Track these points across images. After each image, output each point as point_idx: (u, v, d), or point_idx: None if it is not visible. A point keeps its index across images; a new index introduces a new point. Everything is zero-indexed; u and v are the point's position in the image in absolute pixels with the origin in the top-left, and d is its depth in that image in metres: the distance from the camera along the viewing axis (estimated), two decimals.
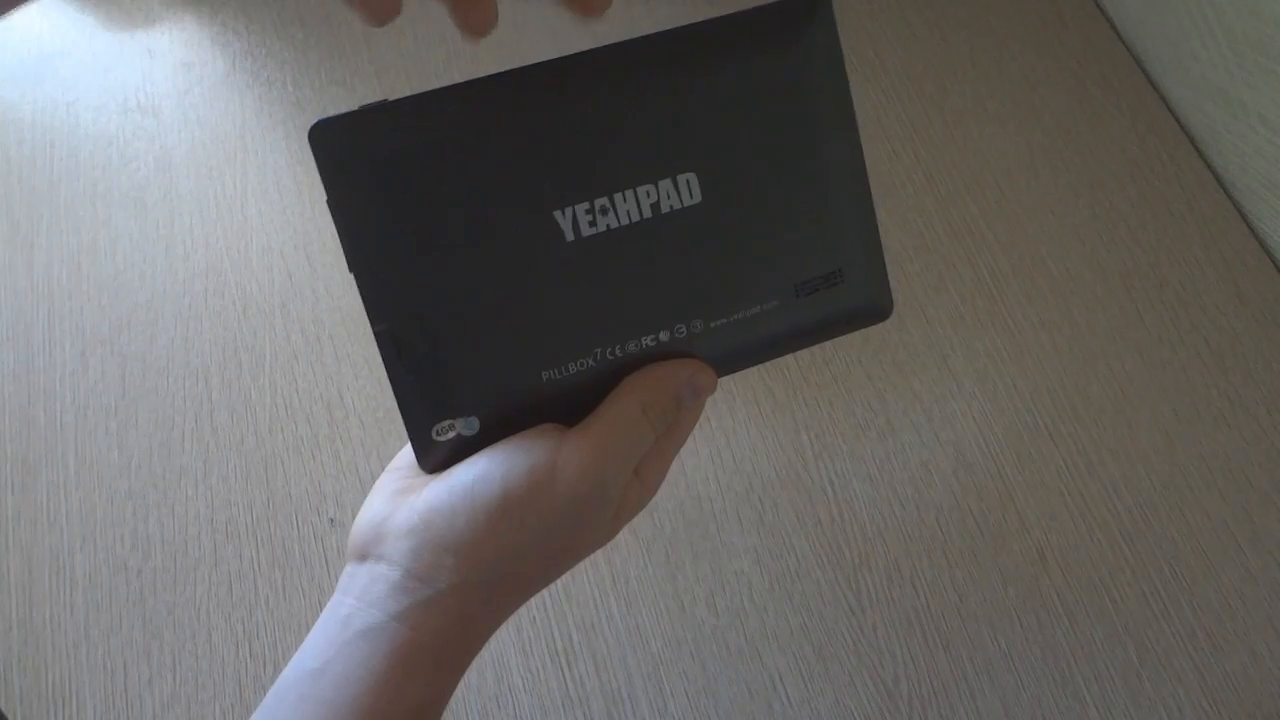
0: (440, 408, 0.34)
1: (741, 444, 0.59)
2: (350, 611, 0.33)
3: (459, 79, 0.32)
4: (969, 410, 0.60)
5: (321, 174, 0.32)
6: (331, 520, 0.58)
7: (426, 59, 0.73)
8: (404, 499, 0.34)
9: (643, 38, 0.33)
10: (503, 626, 0.55)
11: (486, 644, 0.36)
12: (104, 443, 0.60)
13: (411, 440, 0.35)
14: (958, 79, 0.71)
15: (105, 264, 0.66)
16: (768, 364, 0.61)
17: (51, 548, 0.57)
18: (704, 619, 0.55)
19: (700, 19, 0.34)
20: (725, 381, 0.61)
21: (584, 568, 0.56)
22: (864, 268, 0.37)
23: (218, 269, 0.66)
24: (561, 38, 0.71)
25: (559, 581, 0.55)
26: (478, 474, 0.33)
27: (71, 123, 0.72)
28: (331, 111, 0.32)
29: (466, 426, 0.35)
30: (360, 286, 0.33)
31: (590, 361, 0.35)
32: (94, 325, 0.64)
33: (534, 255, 0.34)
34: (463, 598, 0.33)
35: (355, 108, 0.32)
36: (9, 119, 0.73)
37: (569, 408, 0.35)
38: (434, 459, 0.35)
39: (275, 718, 0.32)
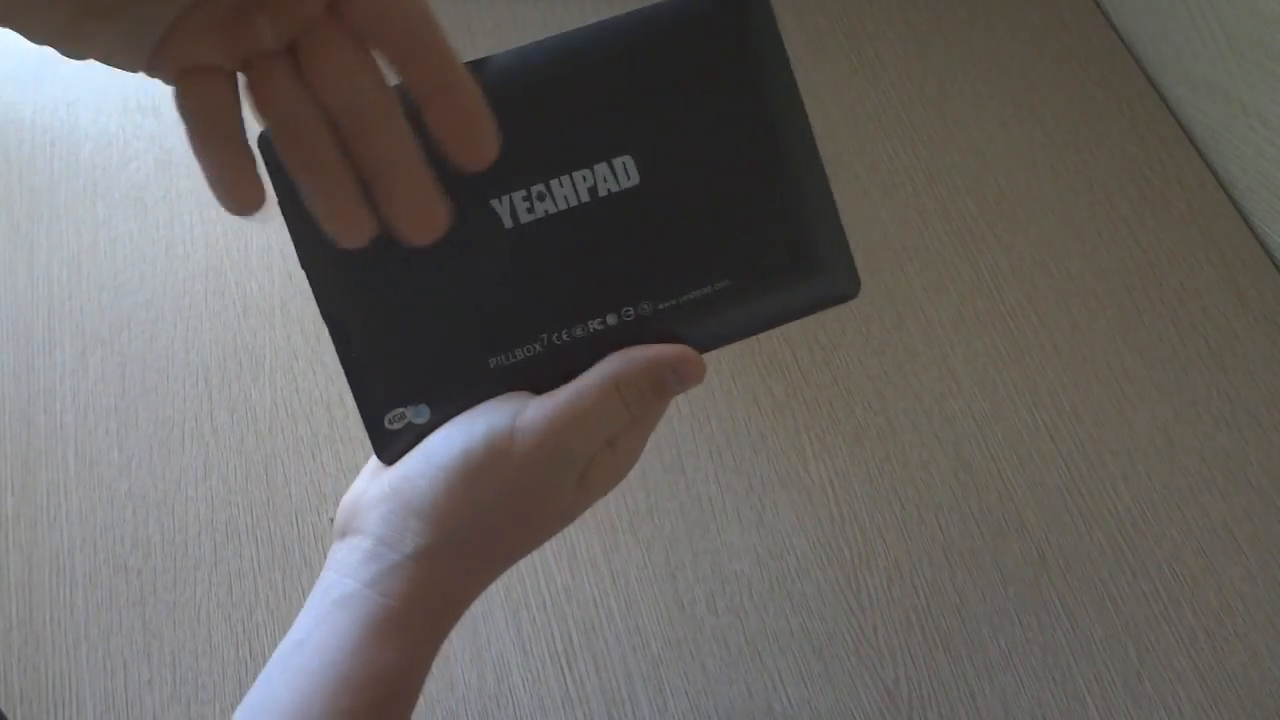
0: (390, 397, 0.35)
1: (741, 444, 0.59)
2: (330, 583, 0.34)
3: None
4: (969, 410, 0.60)
5: (270, 176, 0.33)
6: (331, 520, 0.58)
7: None
8: (381, 474, 0.36)
9: (577, 29, 0.34)
10: (503, 626, 0.55)
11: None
12: (104, 443, 0.60)
13: (368, 432, 0.36)
14: (958, 79, 0.71)
15: (105, 264, 0.66)
16: (768, 364, 0.61)
17: (51, 548, 0.57)
18: (704, 619, 0.55)
19: (646, 4, 0.34)
20: (725, 381, 0.61)
21: (584, 567, 0.56)
22: (823, 246, 0.37)
23: (218, 269, 0.66)
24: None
25: (559, 581, 0.55)
26: (439, 439, 0.34)
27: (71, 123, 0.72)
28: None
29: (417, 415, 0.35)
30: (309, 280, 0.35)
31: (538, 347, 0.35)
32: (94, 325, 0.64)
33: (474, 244, 0.34)
34: (431, 561, 0.33)
35: None
36: (9, 119, 0.73)
37: (519, 389, 0.35)
38: (391, 449, 0.36)
39: (264, 691, 0.33)
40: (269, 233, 0.67)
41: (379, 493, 0.35)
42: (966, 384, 0.61)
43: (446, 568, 0.34)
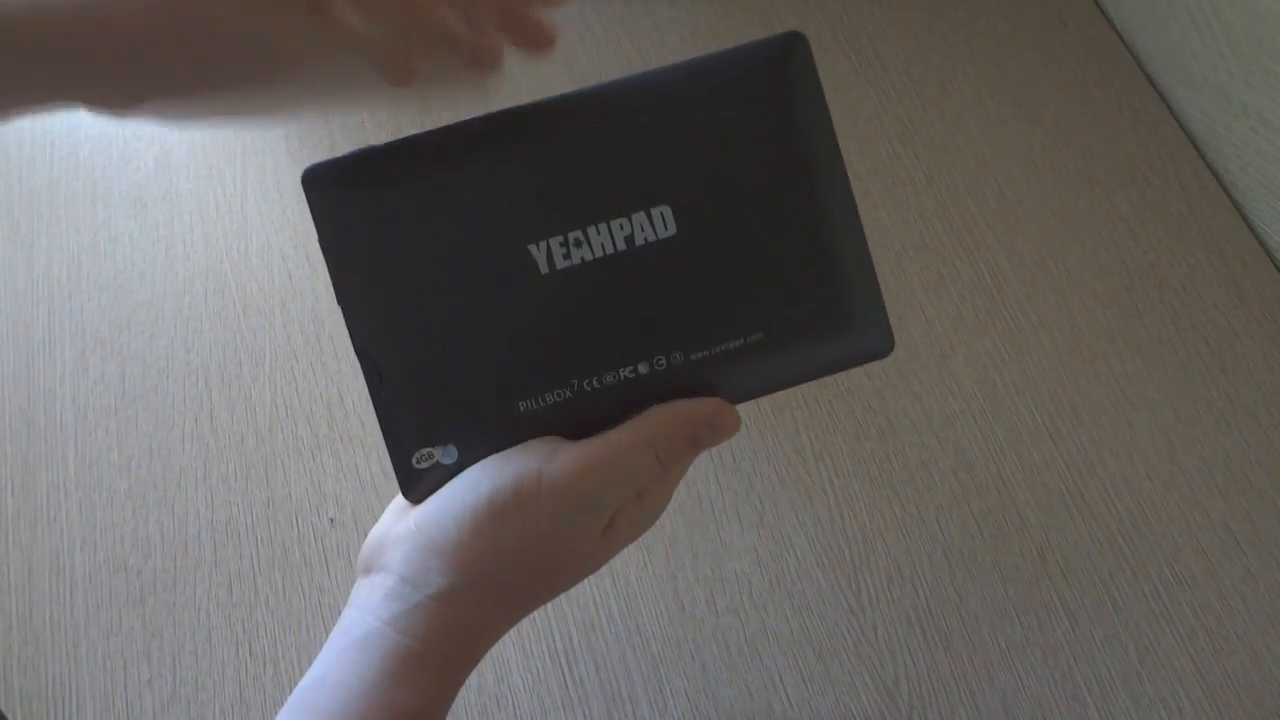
0: (419, 436, 0.36)
1: (741, 444, 0.59)
2: (351, 621, 0.34)
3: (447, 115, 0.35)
4: (969, 410, 0.60)
5: (314, 217, 0.34)
6: (331, 520, 0.58)
7: None
8: (407, 513, 0.35)
9: (620, 79, 0.35)
10: None
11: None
12: (104, 443, 0.60)
13: (395, 470, 0.36)
14: (958, 79, 0.71)
15: (105, 264, 0.66)
16: None
17: (51, 548, 0.57)
18: (704, 619, 0.55)
19: (683, 58, 0.35)
20: None
21: None
22: (859, 302, 0.37)
23: (218, 269, 0.66)
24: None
25: None
26: (466, 481, 0.34)
27: (71, 123, 0.72)
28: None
29: (445, 455, 0.36)
30: (346, 318, 0.35)
31: (568, 393, 0.35)
32: (94, 325, 0.64)
33: (509, 288, 0.35)
34: (451, 602, 0.33)
35: (343, 153, 0.34)
36: None
37: (547, 435, 0.35)
38: (418, 489, 0.36)
39: None
40: (269, 233, 0.67)
41: (404, 531, 0.35)
42: (966, 384, 0.61)
43: (467, 610, 0.34)
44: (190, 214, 0.68)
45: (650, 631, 0.54)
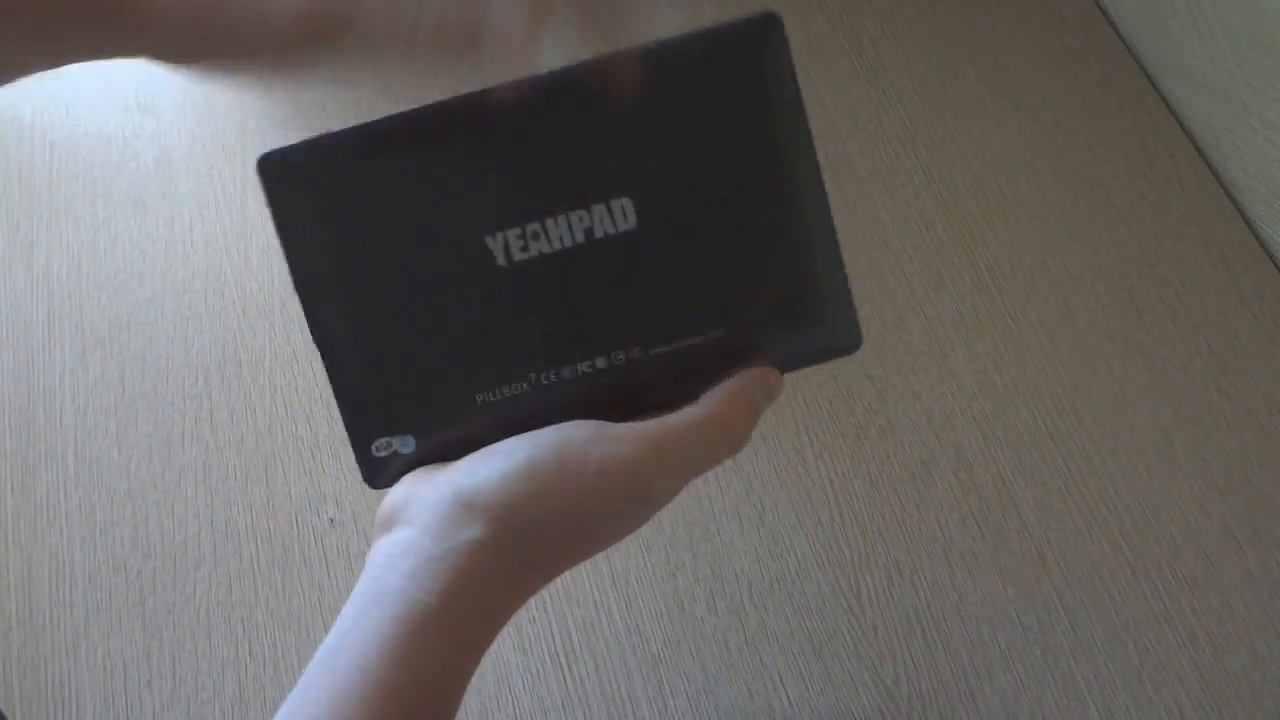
0: (377, 426, 0.35)
1: None
2: (369, 578, 0.33)
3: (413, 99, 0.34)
4: (969, 410, 0.60)
5: (268, 203, 0.34)
6: (331, 520, 0.58)
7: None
8: (434, 472, 0.35)
9: (583, 62, 0.33)
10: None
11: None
12: (104, 443, 0.60)
13: (356, 458, 0.36)
14: (958, 79, 0.71)
15: (105, 263, 0.66)
16: None
17: (51, 548, 0.57)
18: (704, 619, 0.55)
19: (653, 40, 0.33)
20: None
21: (584, 567, 0.56)
22: (825, 298, 0.36)
23: (218, 269, 0.66)
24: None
25: (559, 581, 0.55)
26: (505, 446, 0.34)
27: (71, 122, 0.72)
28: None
29: (403, 445, 0.35)
30: (303, 307, 0.35)
31: (525, 386, 0.35)
32: (94, 325, 0.64)
33: (465, 280, 0.34)
34: (477, 556, 0.32)
35: (300, 140, 0.34)
36: (9, 119, 0.73)
37: (507, 429, 0.35)
38: (378, 477, 0.36)
39: (302, 694, 0.31)
40: (269, 233, 0.66)
41: (432, 486, 0.34)
42: (966, 384, 0.61)
43: (492, 565, 0.32)
44: (190, 214, 0.68)
45: (650, 631, 0.54)
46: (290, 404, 0.61)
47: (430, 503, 0.33)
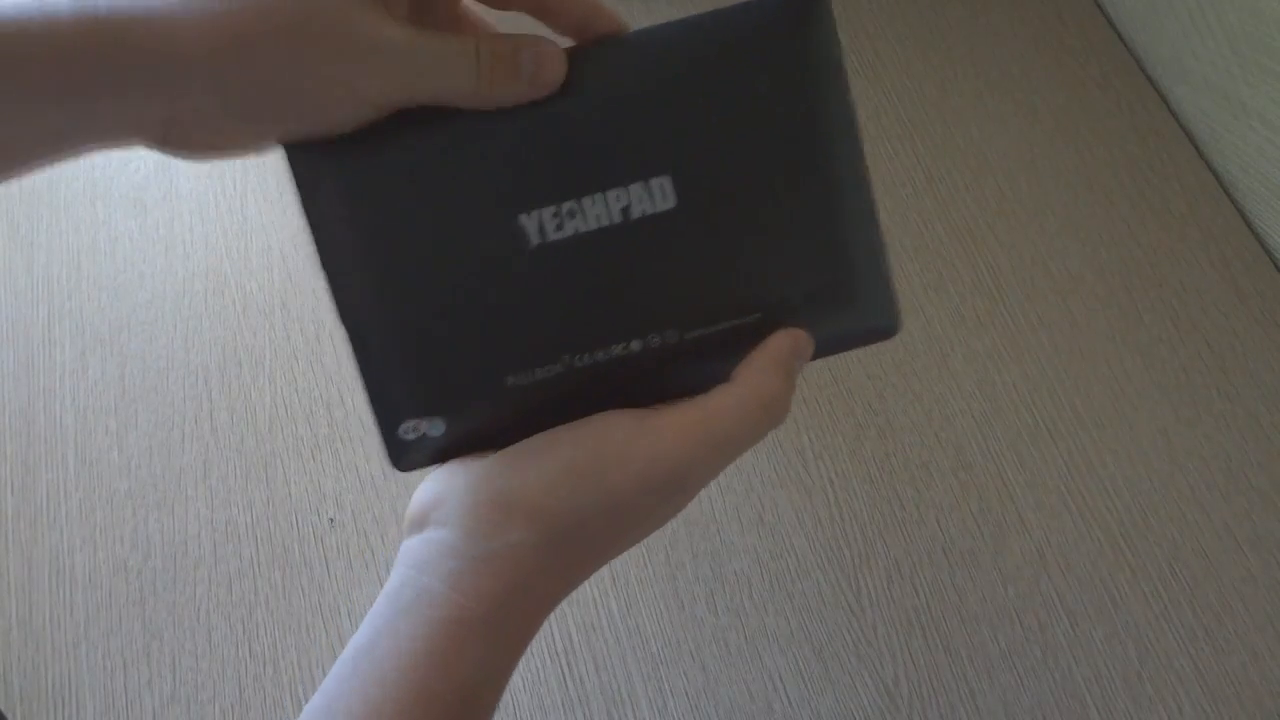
0: (406, 408, 0.34)
1: None
2: (402, 581, 0.32)
3: None
4: (969, 410, 0.60)
5: (296, 183, 0.33)
6: (331, 520, 0.58)
7: None
8: (466, 467, 0.34)
9: (620, 36, 0.33)
10: None
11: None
12: (104, 443, 0.60)
13: (383, 440, 0.35)
14: (958, 79, 0.71)
15: (105, 264, 0.66)
16: None
17: (51, 548, 0.57)
18: (704, 619, 0.55)
19: (688, 14, 0.33)
20: None
21: None
22: (865, 281, 0.35)
23: (218, 269, 0.66)
24: None
25: None
26: (544, 440, 0.33)
27: None
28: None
29: (433, 428, 0.34)
30: (331, 290, 0.33)
31: (558, 368, 0.34)
32: (94, 325, 0.64)
33: (498, 259, 0.33)
34: (517, 561, 0.31)
35: None
36: None
37: (539, 412, 0.34)
38: (406, 459, 0.35)
39: (331, 694, 0.31)
40: (269, 233, 0.67)
41: (467, 485, 0.33)
42: (966, 384, 0.61)
43: (533, 569, 0.32)
44: (190, 214, 0.68)
45: (650, 631, 0.54)
46: (290, 404, 0.61)
47: (468, 504, 0.32)
